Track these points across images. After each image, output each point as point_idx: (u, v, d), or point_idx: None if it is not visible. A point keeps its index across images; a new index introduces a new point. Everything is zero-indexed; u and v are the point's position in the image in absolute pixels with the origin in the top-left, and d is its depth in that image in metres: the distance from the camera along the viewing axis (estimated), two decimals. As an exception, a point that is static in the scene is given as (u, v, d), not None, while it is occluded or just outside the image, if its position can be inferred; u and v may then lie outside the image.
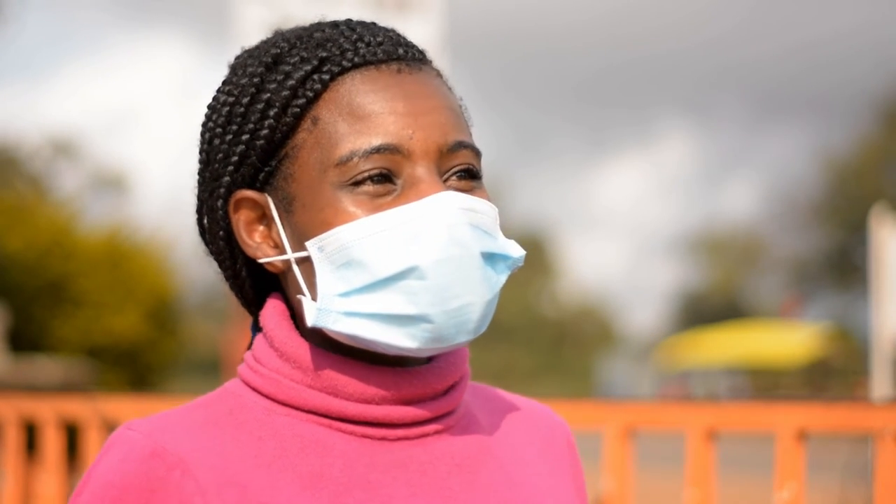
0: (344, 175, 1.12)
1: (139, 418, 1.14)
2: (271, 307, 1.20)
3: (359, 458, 1.13)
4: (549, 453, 1.28)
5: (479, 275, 1.12)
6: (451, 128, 1.15)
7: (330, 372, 1.14)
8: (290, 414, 1.15)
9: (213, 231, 1.22)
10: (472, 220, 1.12)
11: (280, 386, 1.15)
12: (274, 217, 1.16)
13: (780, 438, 2.43)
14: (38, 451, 3.83)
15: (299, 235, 1.14)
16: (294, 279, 1.16)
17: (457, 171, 1.15)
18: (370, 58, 1.16)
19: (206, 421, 1.13)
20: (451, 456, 1.17)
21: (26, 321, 13.98)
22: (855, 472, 8.74)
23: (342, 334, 1.12)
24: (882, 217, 8.44)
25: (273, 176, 1.16)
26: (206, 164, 1.21)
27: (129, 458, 1.10)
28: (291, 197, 1.15)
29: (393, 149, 1.12)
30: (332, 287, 1.12)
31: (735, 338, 23.40)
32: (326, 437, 1.14)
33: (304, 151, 1.14)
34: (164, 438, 1.10)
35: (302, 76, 1.15)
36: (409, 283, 1.10)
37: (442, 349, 1.13)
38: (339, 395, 1.14)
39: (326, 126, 1.14)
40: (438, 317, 1.10)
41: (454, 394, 1.20)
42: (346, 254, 1.11)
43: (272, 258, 1.17)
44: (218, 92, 1.22)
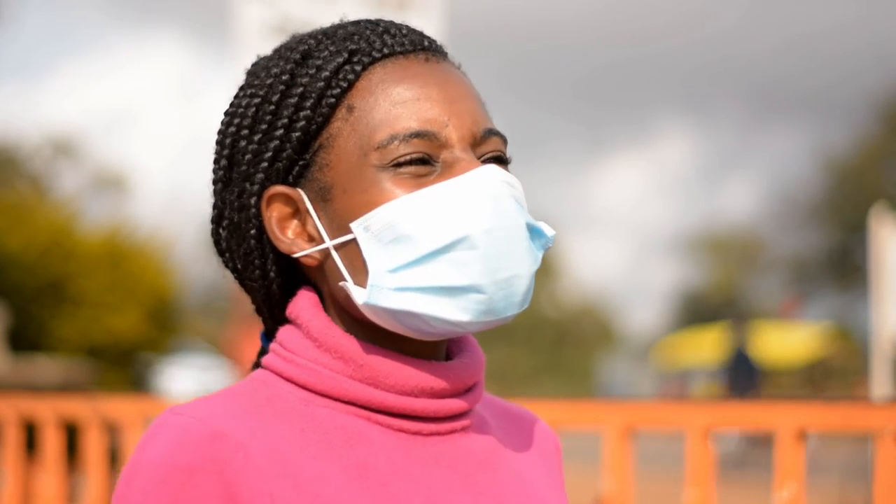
0: (384, 158, 1.13)
1: (180, 404, 1.12)
2: (306, 299, 1.20)
3: (398, 451, 1.14)
4: (543, 458, 1.31)
5: (525, 245, 1.14)
6: (481, 115, 1.18)
7: (372, 363, 1.15)
8: (328, 405, 1.15)
9: (244, 231, 1.21)
10: (514, 194, 1.15)
11: (320, 376, 1.15)
12: (308, 209, 1.18)
13: (779, 438, 2.43)
14: (37, 450, 3.83)
15: (339, 221, 1.15)
16: (332, 267, 1.17)
17: (489, 157, 1.18)
18: (398, 48, 1.19)
19: (248, 409, 1.12)
20: (476, 453, 1.19)
21: (26, 321, 13.98)
22: (854, 472, 8.75)
23: (392, 311, 1.13)
24: (882, 217, 8.45)
25: (307, 169, 1.18)
26: (229, 168, 1.22)
27: (189, 440, 1.07)
28: (329, 185, 1.16)
29: (431, 135, 1.14)
30: (382, 263, 1.13)
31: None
32: (366, 429, 1.15)
33: (340, 139, 1.16)
34: (221, 422, 1.09)
35: (335, 67, 1.17)
36: (460, 255, 1.11)
37: (492, 323, 1.14)
38: (381, 386, 1.15)
39: (363, 113, 1.16)
40: (489, 287, 1.11)
41: (476, 391, 1.22)
42: (393, 230, 1.12)
43: (309, 250, 1.17)
44: (238, 97, 1.23)
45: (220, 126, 1.24)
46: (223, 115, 1.24)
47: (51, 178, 22.89)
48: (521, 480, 1.22)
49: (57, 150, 23.58)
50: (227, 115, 1.23)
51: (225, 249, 1.25)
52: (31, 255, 15.09)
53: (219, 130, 1.24)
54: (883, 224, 8.39)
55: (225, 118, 1.23)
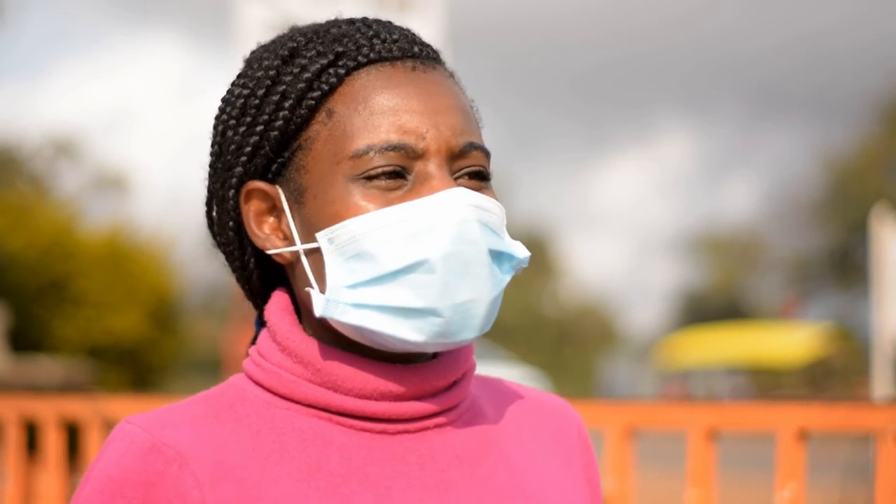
0: (357, 168, 1.13)
1: (139, 413, 1.16)
2: (275, 302, 1.21)
3: (357, 451, 1.14)
4: (559, 446, 1.29)
5: (486, 272, 1.13)
6: (462, 128, 1.17)
7: (330, 367, 1.15)
8: (290, 408, 1.16)
9: (223, 222, 1.23)
10: (481, 218, 1.14)
11: (281, 379, 1.16)
12: (284, 208, 1.18)
13: (780, 438, 2.43)
14: (38, 450, 3.83)
15: (309, 227, 1.15)
16: (302, 271, 1.17)
17: (467, 172, 1.17)
18: (386, 54, 1.17)
19: (206, 414, 1.15)
20: (452, 449, 1.18)
21: (27, 321, 13.98)
22: (856, 472, 8.74)
23: (349, 326, 1.13)
24: (883, 217, 8.45)
25: (285, 167, 1.18)
26: (218, 156, 1.23)
27: (129, 452, 1.11)
28: (303, 188, 1.16)
29: (408, 147, 1.13)
30: (341, 278, 1.13)
31: (736, 337, 23.41)
32: (325, 430, 1.15)
33: (317, 143, 1.16)
34: (163, 433, 1.12)
35: (318, 69, 1.16)
36: (418, 277, 1.11)
37: (447, 345, 1.14)
38: (339, 389, 1.15)
39: (341, 119, 1.15)
40: (446, 311, 1.11)
41: (457, 389, 1.21)
42: (355, 246, 1.12)
43: (280, 249, 1.18)
44: (233, 85, 1.23)
45: (216, 112, 1.24)
46: (220, 100, 1.24)
47: (52, 179, 22.89)
48: (510, 472, 1.21)
49: (58, 150, 23.59)
50: (222, 101, 1.24)
51: (215, 234, 1.26)
52: (32, 255, 15.09)
53: (215, 116, 1.25)
54: (884, 224, 8.39)
55: (220, 105, 1.24)
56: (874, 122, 33.29)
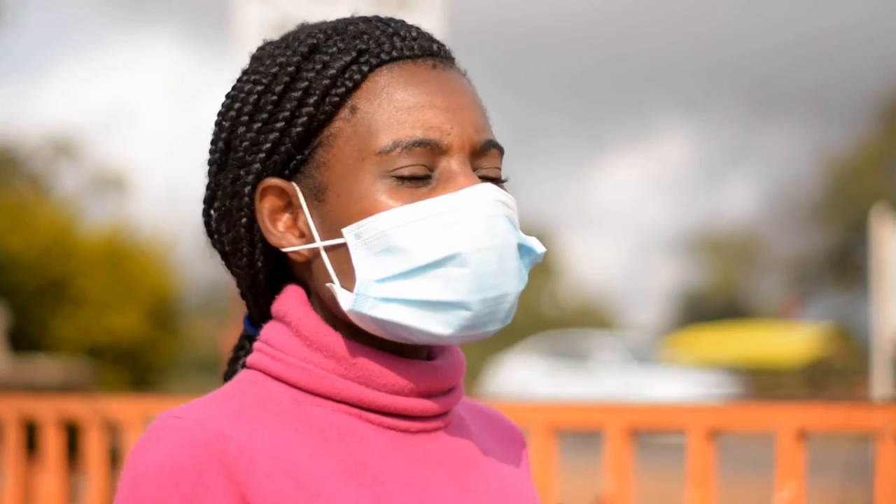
0: (383, 165, 1.13)
1: (175, 407, 1.11)
2: (294, 296, 1.20)
3: (391, 449, 1.15)
4: (513, 453, 1.32)
5: (514, 266, 1.14)
6: (483, 126, 1.18)
7: (363, 362, 1.16)
8: (320, 404, 1.15)
9: (235, 219, 1.21)
10: (507, 213, 1.15)
11: (312, 375, 1.16)
12: (302, 205, 1.17)
13: (780, 438, 2.43)
14: (38, 450, 3.83)
15: (331, 223, 1.15)
16: (320, 268, 1.17)
17: (484, 176, 1.18)
18: (407, 52, 1.18)
19: (241, 411, 1.12)
20: (460, 449, 1.21)
21: (26, 321, 13.98)
22: (855, 472, 8.74)
23: (377, 320, 1.13)
24: (882, 216, 8.45)
25: (304, 164, 1.17)
26: (225, 152, 1.21)
27: (194, 442, 1.07)
28: (324, 185, 1.16)
29: (433, 143, 1.14)
30: (370, 273, 1.13)
31: (735, 337, 23.41)
32: (358, 427, 1.15)
33: (340, 140, 1.16)
34: (221, 424, 1.08)
35: (342, 65, 1.16)
36: (449, 271, 1.11)
37: (473, 337, 1.15)
38: (372, 385, 1.16)
39: (365, 115, 1.15)
40: (475, 304, 1.12)
41: (458, 391, 1.22)
42: (385, 240, 1.12)
43: (299, 247, 1.17)
44: (241, 81, 1.22)
45: (221, 108, 1.23)
46: (224, 97, 1.23)
47: (51, 178, 22.88)
48: (501, 475, 1.24)
49: (57, 150, 23.58)
50: (228, 97, 1.22)
51: (214, 231, 1.25)
52: (31, 255, 15.09)
53: (219, 112, 1.23)
54: (883, 224, 8.39)
55: (226, 101, 1.22)
56: (874, 122, 33.29)
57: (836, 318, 29.79)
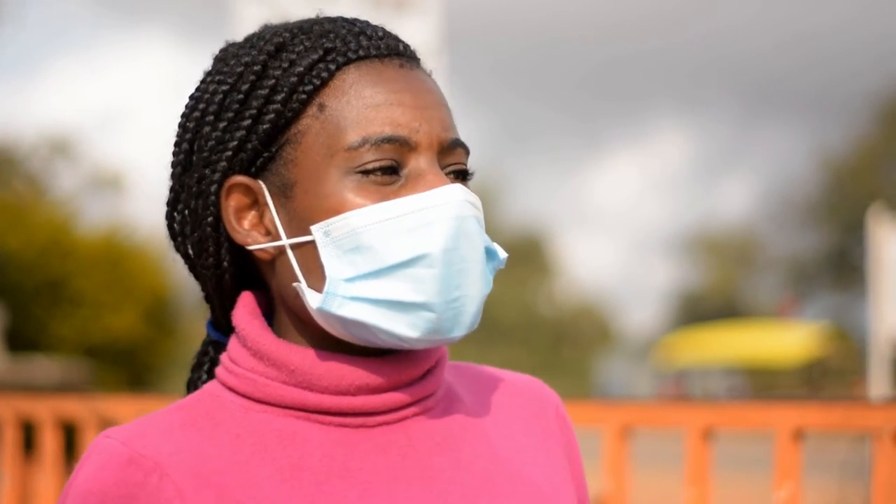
0: (351, 161, 1.13)
1: (117, 426, 1.15)
2: (242, 306, 1.20)
3: (337, 447, 1.14)
4: (538, 427, 1.29)
5: (480, 269, 1.14)
6: (449, 125, 1.18)
7: (304, 366, 1.15)
8: (266, 410, 1.16)
9: (200, 218, 1.20)
10: (475, 214, 1.15)
11: (255, 384, 1.16)
12: (268, 203, 1.17)
13: (777, 438, 2.44)
14: (35, 450, 3.84)
15: (298, 221, 1.15)
16: (285, 266, 1.16)
17: (452, 171, 1.18)
18: (374, 51, 1.18)
19: (183, 423, 1.14)
20: (432, 436, 1.19)
21: (24, 320, 13.98)
22: (852, 472, 8.75)
23: (343, 319, 1.13)
24: (880, 216, 8.46)
25: (271, 162, 1.17)
26: (190, 153, 1.21)
27: (107, 466, 1.10)
28: (291, 182, 1.15)
29: (402, 140, 1.14)
30: (339, 271, 1.13)
31: (732, 337, 23.42)
32: (304, 429, 1.15)
33: (308, 137, 1.15)
34: (141, 444, 1.11)
35: (309, 63, 1.16)
36: (418, 271, 1.11)
37: (437, 342, 1.14)
38: (315, 388, 1.15)
39: (333, 113, 1.15)
40: (439, 306, 1.12)
41: (432, 378, 1.21)
42: (355, 239, 1.12)
43: (264, 245, 1.17)
44: (204, 82, 1.22)
45: (185, 109, 1.23)
46: (188, 98, 1.23)
47: (48, 178, 22.87)
48: (492, 455, 1.21)
49: (54, 150, 23.56)
50: (191, 98, 1.22)
51: (178, 234, 1.24)
52: (29, 254, 15.09)
53: (182, 114, 1.23)
54: (881, 224, 8.40)
55: (189, 102, 1.22)
56: (871, 122, 33.31)
57: (834, 317, 29.82)
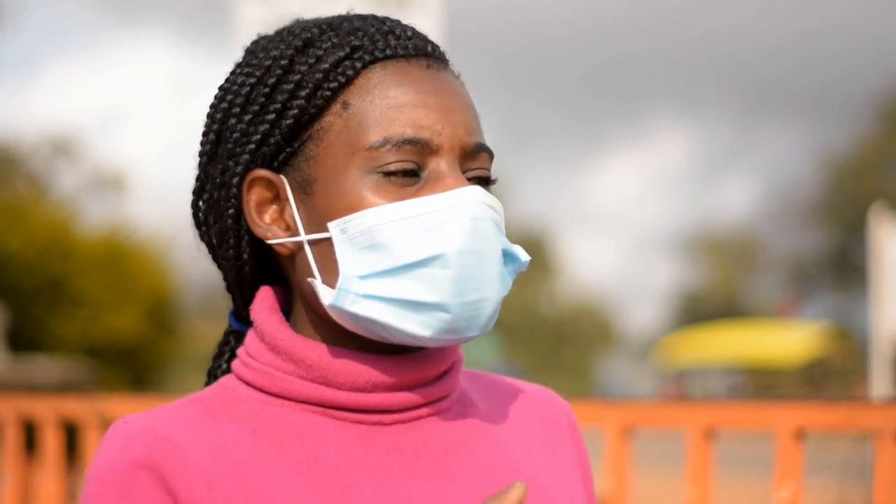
0: (372, 161, 1.13)
1: (133, 414, 1.16)
2: (261, 301, 1.21)
3: (354, 443, 1.15)
4: (550, 435, 1.30)
5: (497, 271, 1.14)
6: (473, 129, 1.18)
7: (321, 362, 1.16)
8: (283, 405, 1.16)
9: (222, 210, 1.21)
10: (493, 217, 1.15)
11: (273, 378, 1.17)
12: (289, 198, 1.17)
13: (778, 438, 2.44)
14: (37, 450, 3.84)
15: (317, 217, 1.15)
16: (303, 262, 1.17)
17: (474, 176, 1.18)
18: (401, 51, 1.18)
19: (201, 415, 1.15)
20: (447, 437, 1.19)
21: (25, 320, 13.97)
22: (853, 472, 8.75)
23: (356, 316, 1.13)
24: (881, 216, 8.46)
25: (293, 157, 1.17)
26: (216, 144, 1.22)
27: (132, 444, 1.11)
28: (312, 179, 1.16)
29: (424, 142, 1.14)
30: (353, 268, 1.13)
31: (733, 337, 23.42)
32: (321, 424, 1.15)
33: (330, 134, 1.16)
34: (162, 428, 1.12)
35: (336, 60, 1.16)
36: (432, 272, 1.11)
37: (452, 341, 1.15)
38: (331, 384, 1.16)
39: (357, 111, 1.15)
40: (455, 307, 1.12)
41: (447, 379, 1.21)
42: (370, 237, 1.12)
43: (283, 239, 1.17)
44: (234, 73, 1.23)
45: (213, 100, 1.23)
46: (217, 89, 1.23)
47: (49, 178, 22.87)
48: (505, 459, 1.21)
49: (55, 150, 23.56)
50: (220, 90, 1.23)
51: (202, 223, 1.25)
52: (30, 254, 15.08)
53: (211, 104, 1.23)
54: (882, 223, 8.40)
55: (218, 93, 1.23)
56: (872, 122, 33.30)
57: (835, 317, 29.82)
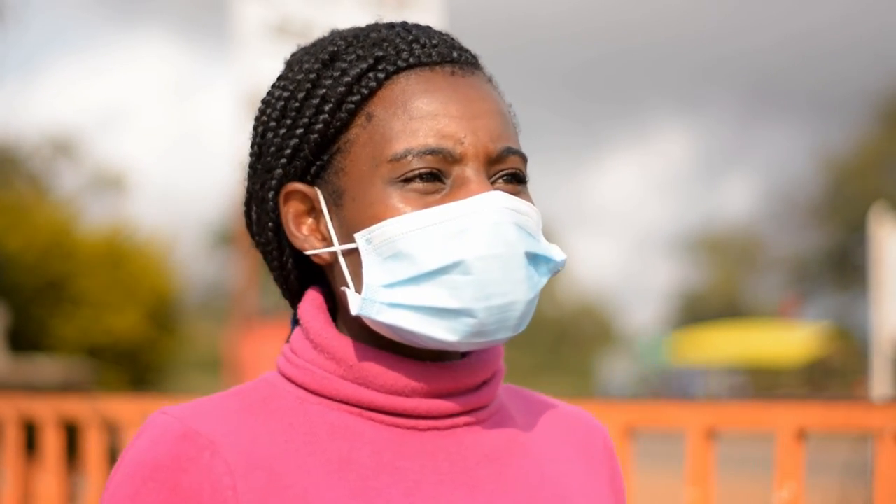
0: (395, 171, 1.15)
1: (173, 405, 1.17)
2: (308, 301, 1.23)
3: (387, 446, 1.16)
4: (585, 455, 1.31)
5: (522, 274, 1.15)
6: (500, 133, 1.19)
7: (362, 363, 1.18)
8: (321, 403, 1.18)
9: (263, 222, 1.25)
10: (517, 220, 1.15)
11: (313, 376, 1.18)
12: (323, 210, 1.20)
13: (779, 438, 2.43)
14: (37, 450, 3.84)
15: (347, 228, 1.17)
16: (338, 271, 1.19)
17: (504, 175, 1.19)
18: (425, 59, 1.19)
19: (239, 408, 1.16)
20: (481, 447, 1.20)
21: (26, 321, 13.99)
22: (854, 472, 8.75)
23: (384, 325, 1.15)
24: (881, 216, 8.45)
25: (324, 170, 1.20)
26: (258, 157, 1.25)
27: (161, 439, 1.12)
28: (341, 190, 1.18)
29: (446, 152, 1.15)
30: (377, 278, 1.15)
31: (734, 337, 23.43)
32: (356, 424, 1.17)
33: (356, 146, 1.18)
34: (196, 422, 1.13)
35: (358, 73, 1.18)
36: (454, 278, 1.13)
37: (481, 344, 1.16)
38: (370, 386, 1.17)
39: (380, 123, 1.17)
40: (481, 312, 1.13)
41: (487, 389, 1.22)
42: (393, 246, 1.14)
43: (319, 250, 1.20)
44: (273, 87, 1.25)
45: (257, 112, 1.27)
46: (261, 102, 1.27)
47: (50, 178, 22.88)
48: (539, 475, 1.22)
49: (56, 150, 23.57)
50: (262, 102, 1.26)
51: (254, 233, 1.29)
52: (31, 255, 15.10)
53: (255, 116, 1.27)
54: (882, 224, 8.40)
55: (261, 105, 1.26)
56: (873, 121, 33.31)
57: (836, 317, 29.83)
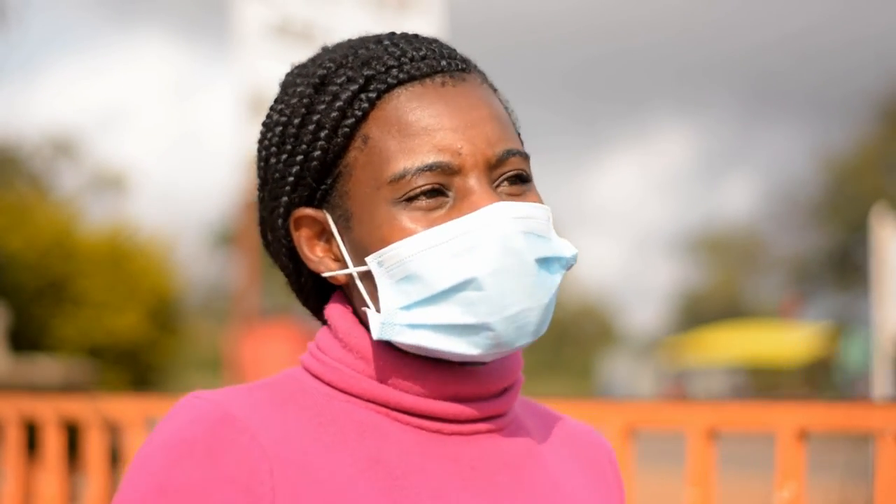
0: (397, 191, 1.15)
1: (204, 390, 1.17)
2: (338, 300, 1.24)
3: (414, 447, 1.17)
4: (593, 472, 1.32)
5: (533, 281, 1.15)
6: (497, 137, 1.18)
7: (390, 365, 1.18)
8: (349, 401, 1.18)
9: (276, 248, 1.26)
10: (525, 228, 1.16)
11: (342, 374, 1.19)
12: (334, 232, 1.20)
13: (780, 438, 2.43)
14: (38, 450, 3.83)
15: (359, 250, 1.18)
16: (356, 291, 1.20)
17: (506, 177, 1.18)
18: (414, 73, 1.19)
19: (270, 400, 1.16)
20: (501, 455, 1.21)
21: (27, 321, 13.98)
22: (855, 472, 8.75)
23: (407, 345, 1.16)
24: (882, 216, 8.45)
25: (330, 193, 1.20)
26: (264, 183, 1.25)
27: (199, 420, 1.12)
28: (349, 213, 1.18)
29: (444, 166, 1.15)
30: (393, 301, 1.16)
31: (735, 337, 23.43)
32: (383, 424, 1.18)
33: (356, 170, 1.18)
34: (233, 407, 1.13)
35: (349, 97, 1.18)
36: (468, 295, 1.13)
37: (504, 353, 1.17)
38: (398, 387, 1.18)
39: (377, 144, 1.17)
40: (498, 324, 1.14)
41: (507, 397, 1.23)
42: (404, 268, 1.14)
43: (335, 272, 1.20)
44: (271, 110, 1.26)
45: (259, 136, 1.27)
46: (261, 125, 1.27)
47: (50, 178, 22.88)
48: (553, 485, 1.23)
49: (57, 150, 23.57)
50: (263, 126, 1.26)
51: (272, 256, 1.30)
52: (31, 255, 15.10)
53: (258, 140, 1.27)
54: (883, 224, 8.39)
55: (262, 129, 1.26)
56: (873, 121, 33.27)
57: (836, 317, 29.80)
